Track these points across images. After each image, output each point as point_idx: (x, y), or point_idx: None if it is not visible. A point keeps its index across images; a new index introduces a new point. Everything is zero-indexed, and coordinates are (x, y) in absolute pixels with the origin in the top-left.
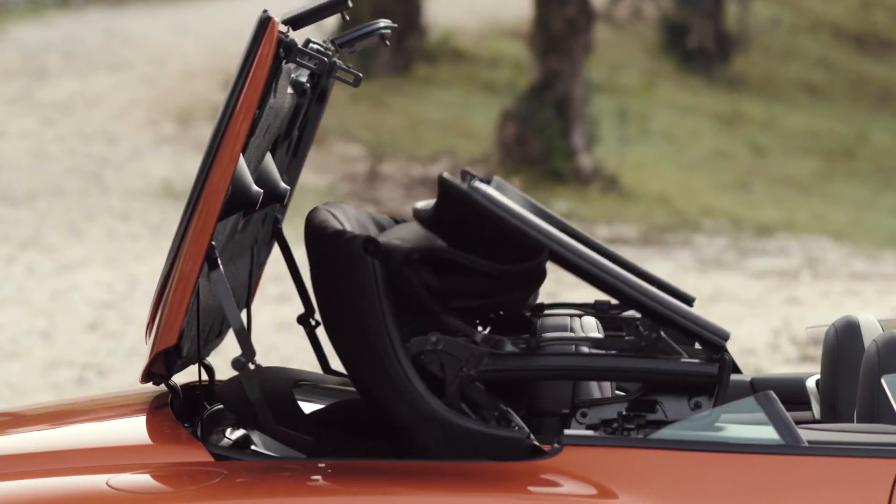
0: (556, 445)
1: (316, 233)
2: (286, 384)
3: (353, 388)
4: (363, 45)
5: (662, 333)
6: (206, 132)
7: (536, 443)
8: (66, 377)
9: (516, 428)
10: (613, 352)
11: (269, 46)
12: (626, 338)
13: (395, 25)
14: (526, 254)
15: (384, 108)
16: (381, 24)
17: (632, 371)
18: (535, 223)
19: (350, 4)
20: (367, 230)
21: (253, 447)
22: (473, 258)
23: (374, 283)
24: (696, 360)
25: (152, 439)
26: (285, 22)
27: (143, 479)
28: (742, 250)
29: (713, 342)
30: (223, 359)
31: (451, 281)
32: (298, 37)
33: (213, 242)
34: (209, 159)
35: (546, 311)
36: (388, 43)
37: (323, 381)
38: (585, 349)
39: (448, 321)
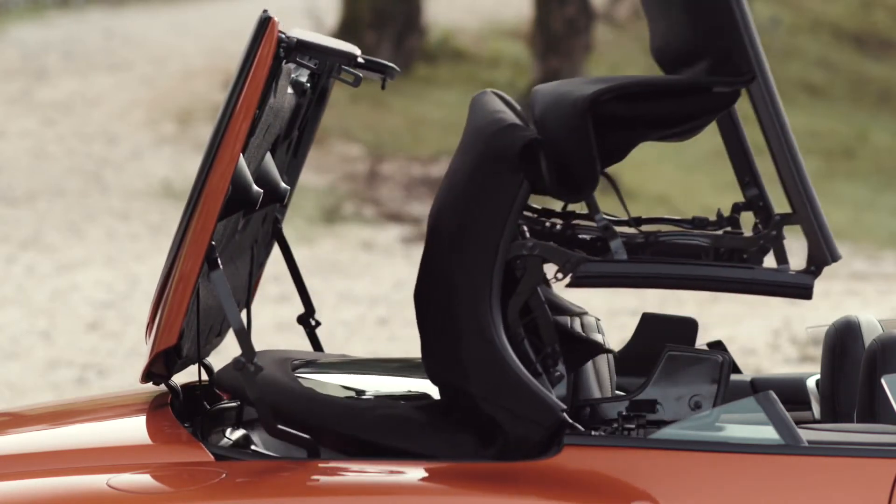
0: (556, 445)
1: (485, 118)
2: (285, 372)
3: (350, 360)
4: (364, 74)
5: (783, 232)
6: (206, 132)
7: (569, 418)
8: (66, 377)
9: (557, 374)
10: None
11: (269, 46)
12: (745, 235)
13: (400, 72)
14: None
15: (384, 108)
16: (389, 68)
17: (731, 281)
18: (759, 46)
19: (355, 70)
20: None
21: (253, 447)
22: (676, 78)
23: (518, 187)
24: (794, 272)
25: (152, 439)
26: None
27: (143, 479)
28: None
29: (821, 255)
30: (223, 359)
31: (645, 107)
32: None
33: (213, 242)
34: (209, 159)
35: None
36: (384, 87)
37: (318, 359)
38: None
39: (589, 200)
